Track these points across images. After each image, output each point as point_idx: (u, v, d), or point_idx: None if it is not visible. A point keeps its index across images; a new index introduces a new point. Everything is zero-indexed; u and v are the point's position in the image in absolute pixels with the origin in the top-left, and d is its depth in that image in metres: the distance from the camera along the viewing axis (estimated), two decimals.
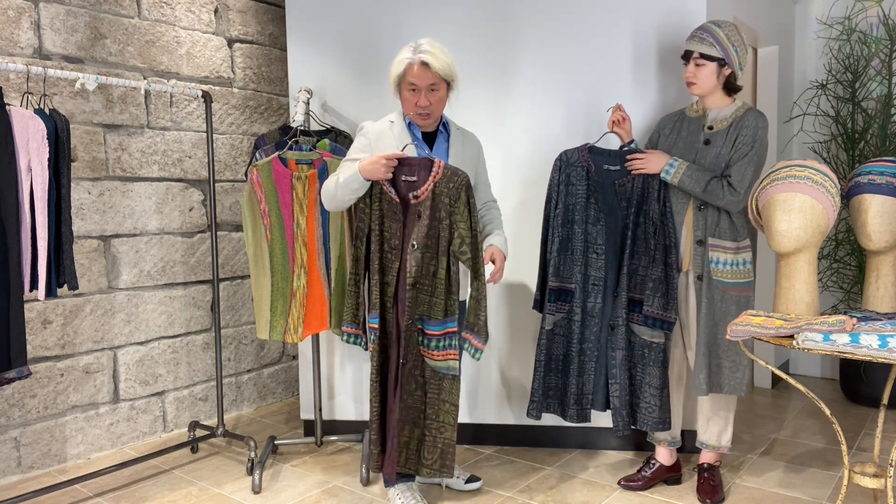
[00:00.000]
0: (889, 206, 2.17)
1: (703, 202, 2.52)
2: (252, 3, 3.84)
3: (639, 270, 2.60)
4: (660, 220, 2.55)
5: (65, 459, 3.08)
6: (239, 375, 3.83)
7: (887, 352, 1.72)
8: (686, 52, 2.52)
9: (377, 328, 2.40)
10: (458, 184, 2.30)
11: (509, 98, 3.08)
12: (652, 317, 2.56)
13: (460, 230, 2.32)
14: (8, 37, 2.84)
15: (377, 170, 2.28)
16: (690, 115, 2.63)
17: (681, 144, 2.59)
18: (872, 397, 3.67)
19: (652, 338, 2.58)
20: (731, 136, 2.50)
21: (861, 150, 3.91)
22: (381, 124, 2.47)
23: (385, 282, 2.40)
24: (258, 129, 3.88)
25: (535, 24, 3.04)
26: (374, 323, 2.40)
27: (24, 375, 2.32)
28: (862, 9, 3.96)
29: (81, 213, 3.09)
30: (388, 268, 2.39)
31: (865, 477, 2.05)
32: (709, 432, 2.67)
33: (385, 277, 2.40)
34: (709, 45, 2.46)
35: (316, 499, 2.70)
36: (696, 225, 2.54)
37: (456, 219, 2.32)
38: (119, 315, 3.25)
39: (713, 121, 2.55)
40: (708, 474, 2.66)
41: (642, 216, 2.58)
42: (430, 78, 2.32)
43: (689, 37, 2.53)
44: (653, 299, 2.56)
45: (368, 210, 2.39)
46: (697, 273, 2.55)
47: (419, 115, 2.39)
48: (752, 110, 2.53)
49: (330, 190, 2.40)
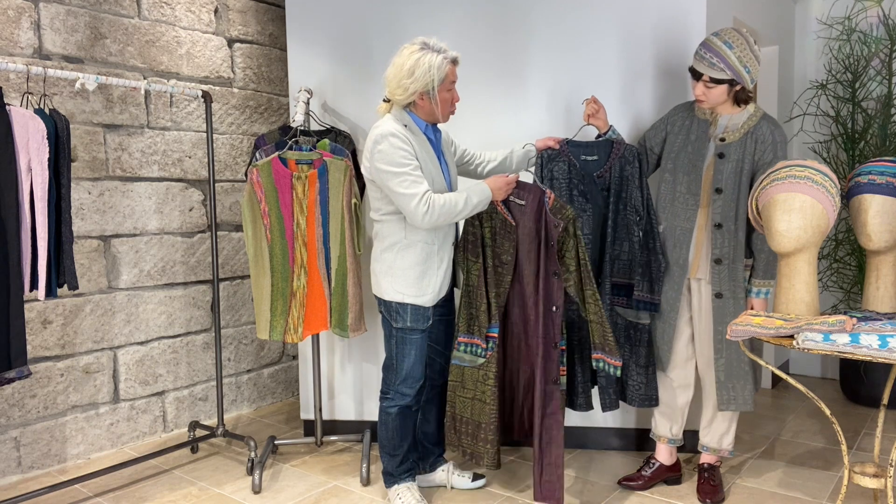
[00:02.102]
0: (889, 206, 2.17)
1: (722, 221, 2.48)
2: (252, 3, 3.84)
3: (621, 256, 2.66)
4: (643, 206, 2.60)
5: (65, 459, 3.08)
6: (239, 375, 3.83)
7: (887, 352, 1.72)
8: (693, 71, 2.44)
9: (497, 337, 2.50)
10: (566, 216, 2.39)
11: (508, 97, 3.08)
12: (642, 301, 2.62)
13: (566, 261, 2.42)
14: (8, 37, 2.84)
15: (502, 190, 2.41)
16: (700, 115, 2.58)
17: (690, 150, 2.54)
18: (872, 397, 3.67)
19: (638, 319, 2.66)
20: (749, 148, 2.44)
21: (861, 150, 3.91)
22: (399, 128, 2.33)
23: (497, 293, 2.52)
24: (258, 129, 3.88)
25: (533, 26, 3.04)
26: (495, 332, 2.50)
27: (24, 375, 2.32)
28: (862, 9, 3.96)
29: (81, 213, 3.09)
30: (500, 281, 2.52)
31: (865, 477, 2.05)
32: (711, 435, 2.67)
33: (497, 289, 2.52)
34: (719, 70, 2.37)
35: (316, 499, 2.70)
36: (713, 243, 2.50)
37: (564, 250, 2.41)
38: (119, 315, 3.25)
39: (725, 131, 2.49)
40: (708, 474, 2.66)
41: (622, 203, 2.64)
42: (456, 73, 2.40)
43: (699, 55, 2.42)
44: (642, 284, 2.61)
45: (480, 227, 2.51)
46: (716, 291, 2.51)
47: (452, 112, 2.43)
48: (766, 118, 2.46)
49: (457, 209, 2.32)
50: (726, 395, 2.53)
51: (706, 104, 2.48)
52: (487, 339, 2.52)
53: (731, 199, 2.47)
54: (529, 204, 2.43)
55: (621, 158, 2.62)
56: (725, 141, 2.48)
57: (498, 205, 2.47)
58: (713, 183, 2.49)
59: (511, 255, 2.47)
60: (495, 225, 2.50)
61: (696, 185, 2.53)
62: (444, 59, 2.29)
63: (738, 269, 2.50)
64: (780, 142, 2.43)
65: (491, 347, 2.50)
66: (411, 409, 2.56)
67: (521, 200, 2.45)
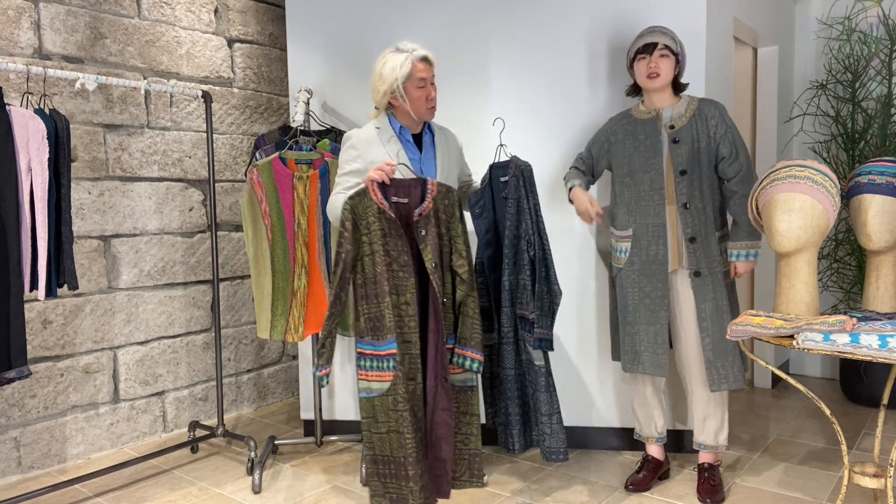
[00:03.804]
0: (889, 206, 2.17)
1: (689, 200, 2.54)
2: (252, 3, 3.84)
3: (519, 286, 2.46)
4: (535, 234, 2.43)
5: (65, 459, 3.08)
6: (239, 375, 3.83)
7: (887, 352, 1.72)
8: (647, 46, 2.53)
9: (396, 353, 2.22)
10: (452, 200, 2.31)
11: (504, 98, 3.08)
12: (543, 339, 2.41)
13: (457, 246, 2.32)
14: (8, 37, 2.84)
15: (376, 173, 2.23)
16: (641, 117, 2.63)
17: (643, 149, 2.60)
18: (872, 397, 3.67)
19: (535, 360, 2.43)
20: (701, 128, 2.55)
21: (861, 150, 3.91)
22: (367, 131, 2.41)
23: (404, 302, 2.25)
24: (258, 129, 3.88)
25: (532, 26, 3.04)
26: (394, 348, 2.22)
27: (24, 375, 2.32)
28: (862, 9, 3.96)
29: (81, 213, 3.09)
30: (401, 287, 2.25)
31: (865, 477, 2.05)
32: (706, 432, 2.67)
33: (401, 298, 2.25)
34: (670, 38, 2.53)
35: (316, 499, 2.70)
36: (684, 223, 2.56)
37: (453, 234, 2.32)
38: (119, 315, 3.25)
39: (672, 119, 2.58)
40: (708, 474, 2.66)
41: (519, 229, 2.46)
42: (431, 70, 2.38)
43: (647, 33, 2.55)
44: (542, 319, 2.41)
45: (369, 233, 2.25)
46: (693, 269, 2.55)
47: (430, 109, 2.40)
48: (705, 100, 2.60)
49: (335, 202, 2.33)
50: (716, 374, 2.55)
51: (661, 80, 2.54)
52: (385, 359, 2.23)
53: (694, 178, 2.56)
54: (413, 199, 2.30)
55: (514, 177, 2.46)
56: (675, 128, 2.57)
57: (381, 205, 2.24)
58: (675, 167, 2.56)
59: (407, 255, 2.26)
60: (384, 227, 2.26)
61: (658, 179, 2.58)
62: (406, 57, 2.32)
63: (712, 244, 2.57)
64: (724, 113, 2.57)
65: (391, 367, 2.21)
66: None
67: (404, 199, 2.30)
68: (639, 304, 2.62)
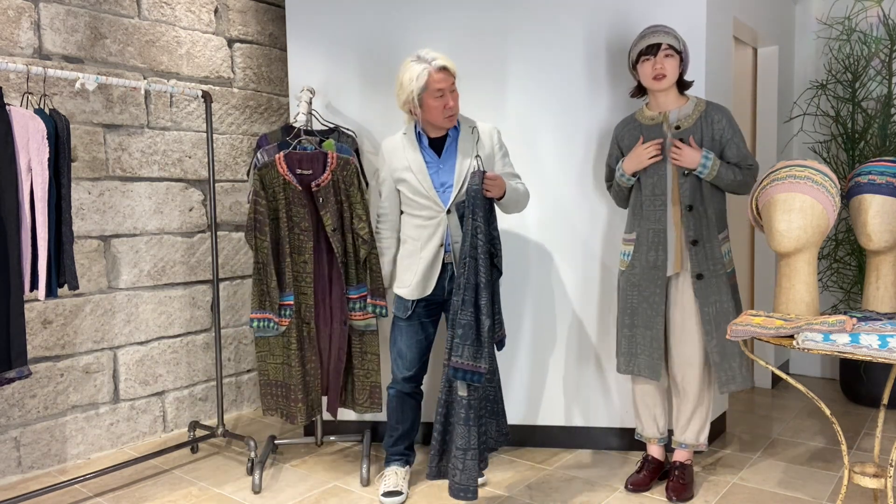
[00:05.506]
0: (889, 206, 2.17)
1: (692, 202, 2.53)
2: (252, 3, 3.84)
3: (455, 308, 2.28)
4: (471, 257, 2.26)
5: (65, 459, 3.08)
6: (239, 375, 3.83)
7: (887, 352, 1.72)
8: (650, 47, 2.51)
9: (292, 304, 2.70)
10: (350, 171, 2.71)
11: (505, 97, 3.08)
12: (460, 368, 2.21)
13: (357, 211, 2.71)
14: (8, 37, 2.84)
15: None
16: (647, 122, 2.62)
17: None
18: (872, 397, 3.67)
19: (458, 389, 2.25)
20: (706, 130, 2.54)
21: (861, 150, 3.90)
22: (395, 139, 2.61)
23: (302, 261, 2.73)
24: (258, 129, 3.88)
25: (532, 24, 3.04)
26: (290, 300, 2.70)
27: (24, 375, 2.33)
28: (862, 9, 3.96)
29: (81, 213, 3.09)
30: (302, 248, 2.72)
31: (865, 477, 2.05)
32: (689, 432, 2.68)
33: (301, 257, 2.72)
34: (673, 37, 2.51)
35: (316, 499, 2.70)
36: (686, 226, 2.55)
37: (353, 201, 2.71)
38: (119, 315, 3.25)
39: (678, 120, 2.57)
40: (679, 472, 2.66)
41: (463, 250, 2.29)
42: (451, 79, 2.43)
43: (650, 33, 2.52)
44: (462, 348, 2.20)
45: (275, 201, 2.69)
46: (696, 272, 2.55)
47: (449, 117, 2.45)
48: (712, 104, 2.59)
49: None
50: (724, 375, 2.55)
51: (667, 80, 2.52)
52: (281, 309, 2.71)
53: (697, 180, 2.55)
54: (315, 171, 2.69)
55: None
56: (681, 128, 2.55)
57: (287, 176, 2.66)
58: (679, 168, 2.55)
59: (308, 220, 2.69)
60: (289, 196, 2.69)
61: (661, 184, 2.57)
62: (424, 68, 2.38)
63: (715, 246, 2.56)
64: (731, 119, 2.56)
65: (287, 314, 2.70)
66: (406, 395, 2.70)
67: (308, 170, 2.69)
68: (637, 307, 2.62)
